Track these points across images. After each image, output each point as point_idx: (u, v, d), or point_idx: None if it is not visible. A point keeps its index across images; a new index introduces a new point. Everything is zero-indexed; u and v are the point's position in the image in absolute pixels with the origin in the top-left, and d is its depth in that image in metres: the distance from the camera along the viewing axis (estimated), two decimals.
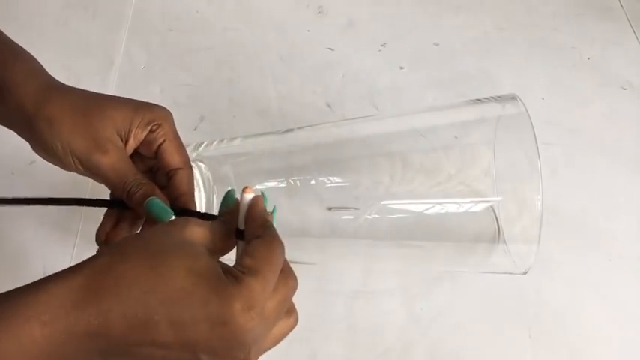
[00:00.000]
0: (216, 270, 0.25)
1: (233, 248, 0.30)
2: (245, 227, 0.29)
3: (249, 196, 0.29)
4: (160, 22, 0.63)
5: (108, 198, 0.36)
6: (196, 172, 0.44)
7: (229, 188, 0.32)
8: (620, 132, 0.58)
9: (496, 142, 0.42)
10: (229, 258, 0.30)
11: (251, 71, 0.59)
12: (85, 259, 0.26)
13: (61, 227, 0.48)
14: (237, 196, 0.30)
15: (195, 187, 0.43)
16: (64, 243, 0.46)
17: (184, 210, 0.34)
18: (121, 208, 0.35)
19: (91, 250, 0.46)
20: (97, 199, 0.35)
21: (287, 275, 0.27)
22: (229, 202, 0.31)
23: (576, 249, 0.50)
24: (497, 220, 0.44)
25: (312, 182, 0.42)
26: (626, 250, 0.50)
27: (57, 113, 0.32)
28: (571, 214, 0.51)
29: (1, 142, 0.53)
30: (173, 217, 0.32)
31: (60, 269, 0.48)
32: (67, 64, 0.36)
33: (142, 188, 0.33)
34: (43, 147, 0.33)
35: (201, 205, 0.40)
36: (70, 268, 0.25)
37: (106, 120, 0.33)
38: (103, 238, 0.35)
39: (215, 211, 0.36)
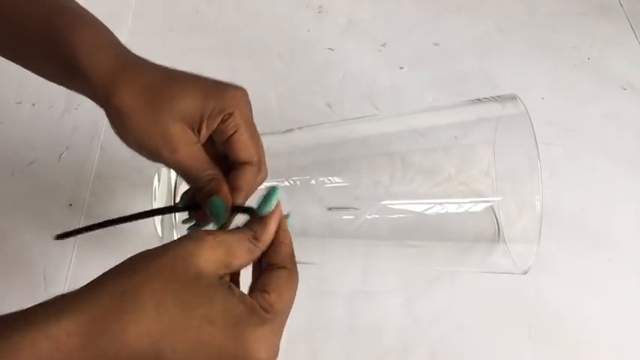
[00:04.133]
0: (234, 312, 0.24)
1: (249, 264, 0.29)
2: (273, 252, 0.29)
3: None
4: (160, 22, 0.63)
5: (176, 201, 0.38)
6: None
7: (273, 184, 0.30)
8: (620, 132, 0.58)
9: (496, 142, 0.42)
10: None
11: (251, 71, 0.59)
12: (83, 272, 0.25)
13: (61, 229, 0.47)
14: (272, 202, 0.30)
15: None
16: (64, 245, 0.46)
17: (240, 208, 0.32)
18: (192, 210, 0.34)
19: (91, 252, 0.46)
20: (168, 207, 0.36)
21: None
22: (271, 201, 0.29)
23: (576, 249, 0.50)
24: (497, 220, 0.44)
25: (312, 182, 0.42)
26: (626, 250, 0.50)
27: (125, 104, 0.30)
28: (571, 214, 0.51)
29: (1, 142, 0.53)
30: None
31: (60, 271, 0.47)
32: None
33: (208, 185, 0.31)
34: (116, 133, 0.31)
35: None
36: (74, 297, 0.23)
37: (175, 114, 0.31)
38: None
39: None
